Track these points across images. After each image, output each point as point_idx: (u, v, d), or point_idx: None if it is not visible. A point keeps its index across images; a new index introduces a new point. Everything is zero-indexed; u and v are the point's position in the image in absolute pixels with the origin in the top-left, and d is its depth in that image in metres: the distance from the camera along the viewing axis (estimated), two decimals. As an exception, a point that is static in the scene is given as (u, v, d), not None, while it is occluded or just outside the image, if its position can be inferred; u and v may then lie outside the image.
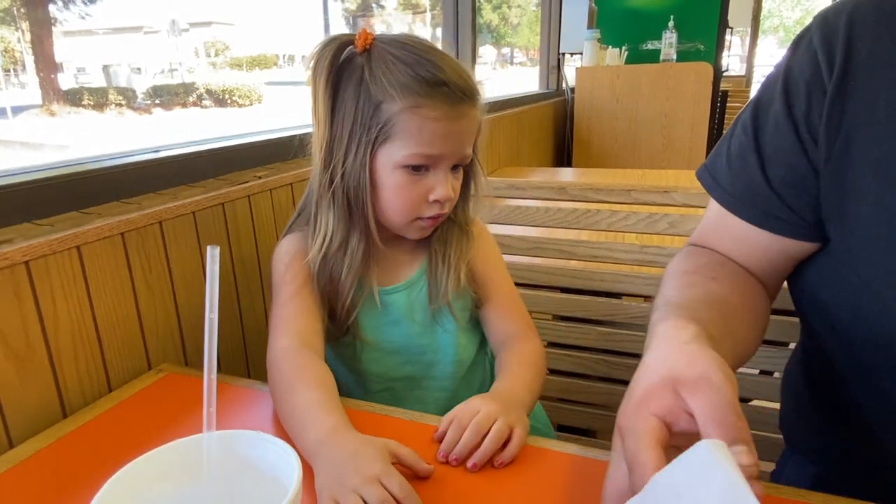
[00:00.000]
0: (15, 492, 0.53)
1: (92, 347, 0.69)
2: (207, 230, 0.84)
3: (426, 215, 0.70)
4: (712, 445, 0.39)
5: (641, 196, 0.99)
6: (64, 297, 0.66)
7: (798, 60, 0.55)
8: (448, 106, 0.66)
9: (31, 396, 0.63)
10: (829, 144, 0.52)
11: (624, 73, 3.06)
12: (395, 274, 0.77)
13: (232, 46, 19.53)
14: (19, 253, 0.61)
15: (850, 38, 0.51)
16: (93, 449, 0.59)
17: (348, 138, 0.68)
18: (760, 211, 0.58)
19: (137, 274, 0.74)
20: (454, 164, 0.70)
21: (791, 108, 0.55)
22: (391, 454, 0.51)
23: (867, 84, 0.50)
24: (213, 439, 0.37)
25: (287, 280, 0.71)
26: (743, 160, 0.59)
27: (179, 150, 0.89)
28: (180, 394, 0.71)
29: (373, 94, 0.66)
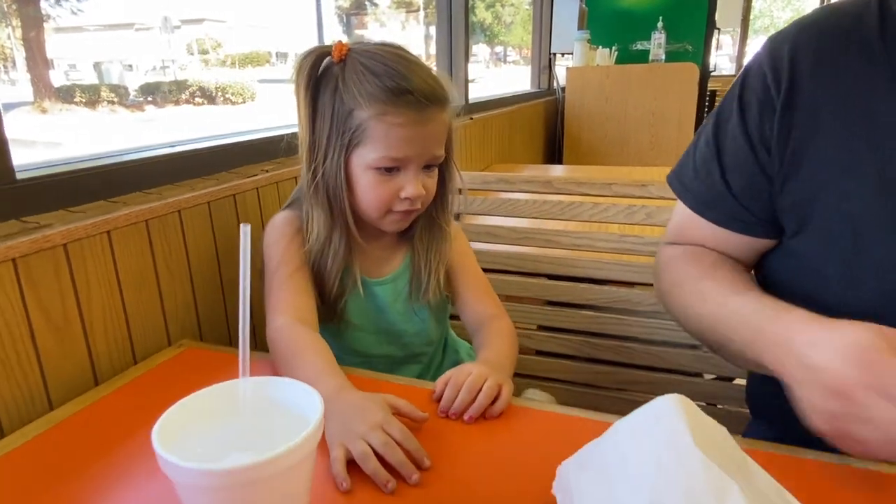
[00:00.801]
0: (57, 448, 0.60)
1: (119, 323, 0.77)
2: (221, 219, 0.91)
3: (398, 209, 0.76)
4: (672, 398, 0.47)
5: (621, 189, 1.07)
6: (96, 277, 0.73)
7: (751, 81, 0.64)
8: (413, 112, 0.71)
9: (67, 364, 0.70)
10: (781, 153, 0.61)
11: (613, 72, 3.14)
12: (381, 267, 0.84)
13: (224, 44, 19.44)
14: (59, 236, 0.68)
15: (794, 61, 0.60)
16: (123, 412, 0.66)
17: (326, 142, 0.74)
18: (724, 214, 0.67)
19: (159, 258, 0.82)
20: (425, 163, 0.75)
21: (746, 125, 0.63)
22: (390, 406, 0.59)
23: (811, 99, 0.59)
24: (247, 384, 0.45)
25: (285, 260, 0.77)
26: (707, 169, 0.68)
27: (195, 146, 0.96)
28: (199, 366, 0.78)
29: (346, 102, 0.72)
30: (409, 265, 0.85)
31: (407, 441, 0.55)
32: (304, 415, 0.42)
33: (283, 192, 1.05)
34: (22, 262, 0.65)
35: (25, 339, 0.66)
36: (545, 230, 1.13)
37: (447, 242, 0.85)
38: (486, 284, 0.89)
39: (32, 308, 0.66)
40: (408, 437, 0.55)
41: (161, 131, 7.89)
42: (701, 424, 0.44)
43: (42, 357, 0.68)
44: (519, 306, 1.17)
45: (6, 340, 0.64)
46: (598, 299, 1.12)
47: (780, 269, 0.68)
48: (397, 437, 0.55)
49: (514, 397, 0.66)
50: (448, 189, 0.83)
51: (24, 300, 0.65)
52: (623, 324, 1.12)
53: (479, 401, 0.62)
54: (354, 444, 0.54)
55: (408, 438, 0.55)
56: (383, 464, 0.53)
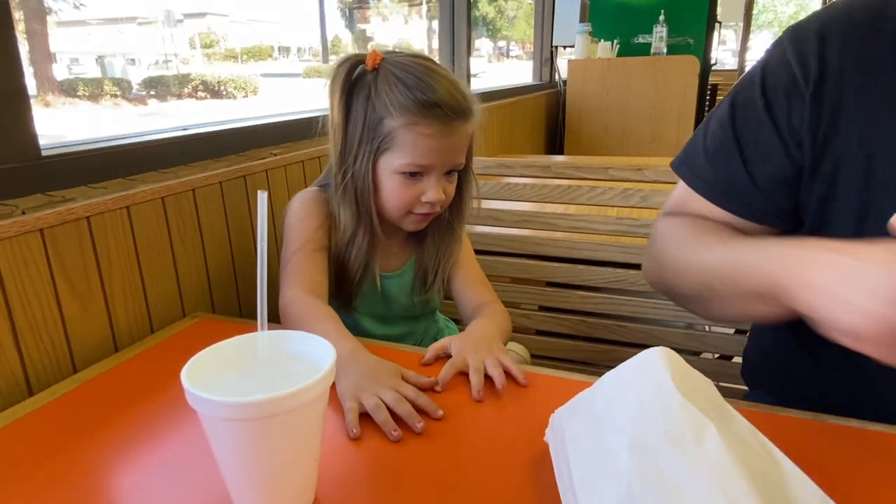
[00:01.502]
0: (83, 405, 0.64)
1: (138, 293, 0.81)
2: (232, 198, 0.95)
3: (419, 212, 0.81)
4: (658, 351, 0.50)
5: (617, 173, 1.11)
6: (116, 249, 0.77)
7: (772, 70, 0.63)
8: (440, 124, 0.75)
9: (90, 331, 0.75)
10: (813, 146, 0.60)
11: (614, 65, 3.17)
12: (391, 262, 0.89)
13: (227, 38, 19.43)
14: (82, 209, 0.72)
15: (823, 51, 0.59)
16: (143, 375, 0.70)
17: (357, 146, 0.79)
18: (742, 204, 0.65)
19: (174, 233, 0.85)
20: (446, 170, 0.80)
21: (771, 112, 0.61)
22: (401, 374, 0.64)
23: (837, 90, 0.58)
24: (265, 336, 0.48)
25: (311, 238, 0.82)
26: (724, 158, 0.65)
27: (208, 129, 0.99)
28: (213, 336, 0.80)
29: (377, 110, 0.76)
30: (415, 262, 0.90)
31: (418, 398, 0.60)
32: (319, 364, 0.46)
33: (291, 174, 1.09)
34: (48, 232, 0.68)
35: (52, 305, 0.70)
36: (545, 213, 1.17)
37: (458, 244, 0.90)
38: (481, 274, 0.94)
39: (58, 276, 0.70)
40: (418, 394, 0.60)
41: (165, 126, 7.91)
42: (684, 374, 0.48)
43: (67, 323, 0.72)
44: (520, 287, 1.21)
45: (35, 305, 0.68)
46: (596, 280, 1.16)
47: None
48: (409, 396, 0.60)
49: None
50: (466, 195, 0.88)
51: (51, 269, 0.69)
52: (619, 303, 1.15)
53: (498, 381, 0.65)
54: (367, 398, 0.59)
55: (419, 395, 0.60)
56: (393, 416, 0.58)
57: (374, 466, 0.53)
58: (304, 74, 9.88)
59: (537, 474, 0.51)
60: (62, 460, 0.54)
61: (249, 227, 1.00)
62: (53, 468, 0.53)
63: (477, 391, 0.63)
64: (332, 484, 0.50)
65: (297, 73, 15.25)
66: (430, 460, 0.54)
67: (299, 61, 18.91)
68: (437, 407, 0.60)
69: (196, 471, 0.52)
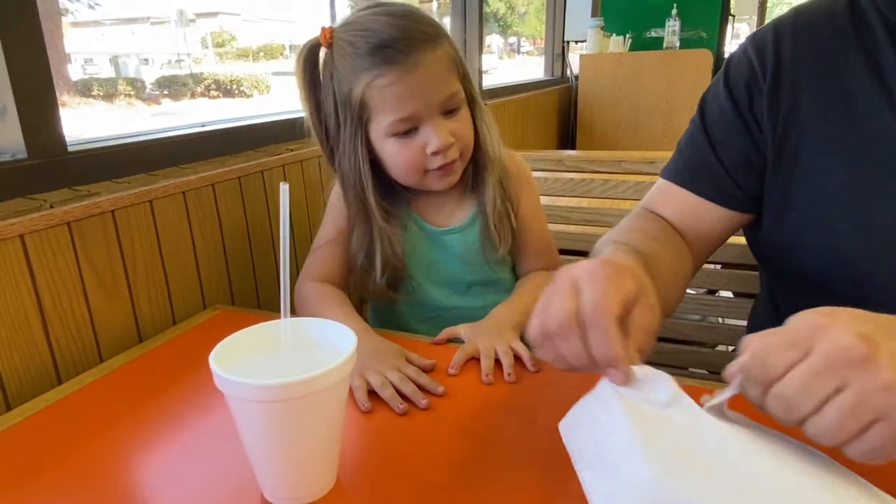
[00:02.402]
0: (110, 394, 0.66)
1: (160, 286, 0.83)
2: (250, 193, 0.97)
3: (433, 167, 0.73)
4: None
5: (630, 166, 1.12)
6: (140, 242, 0.79)
7: (735, 66, 0.67)
8: (398, 65, 0.67)
9: (115, 322, 0.77)
10: (773, 136, 0.64)
11: (626, 60, 3.16)
12: (449, 217, 0.82)
13: (238, 36, 19.53)
14: (108, 203, 0.74)
15: (777, 47, 0.64)
16: (167, 365, 0.72)
17: (336, 130, 0.74)
18: (709, 185, 0.68)
19: (195, 227, 0.87)
20: (441, 110, 0.71)
21: (735, 100, 0.66)
22: (405, 356, 0.66)
23: (793, 80, 0.63)
24: (288, 323, 0.50)
25: (325, 229, 0.83)
26: (695, 146, 0.70)
27: (225, 125, 1.01)
28: (234, 327, 0.82)
29: (342, 84, 0.71)
30: (476, 216, 0.82)
31: (420, 377, 0.62)
32: (340, 350, 0.47)
33: (307, 169, 1.10)
34: (75, 225, 0.71)
35: (79, 296, 0.72)
36: (557, 206, 1.18)
37: (492, 191, 0.80)
38: (534, 238, 0.86)
39: (85, 268, 0.72)
40: (420, 374, 0.62)
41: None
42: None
43: (93, 313, 0.74)
44: (532, 280, 1.22)
45: (63, 296, 0.70)
46: (608, 273, 1.16)
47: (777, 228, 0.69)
48: (411, 375, 0.62)
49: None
50: (482, 127, 0.78)
51: (78, 261, 0.71)
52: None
53: (506, 367, 0.65)
54: (373, 376, 0.61)
55: (420, 375, 0.62)
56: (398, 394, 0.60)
57: (389, 451, 0.55)
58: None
59: (548, 453, 0.52)
60: (90, 446, 0.56)
61: (267, 221, 1.02)
62: (81, 454, 0.55)
63: (486, 374, 0.64)
64: (351, 467, 0.52)
65: (308, 71, 15.14)
66: (444, 443, 0.55)
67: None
68: (437, 384, 0.62)
69: (221, 454, 0.54)
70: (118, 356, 0.73)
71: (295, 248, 1.08)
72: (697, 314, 1.17)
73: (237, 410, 0.44)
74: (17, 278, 0.66)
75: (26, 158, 0.70)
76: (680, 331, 1.15)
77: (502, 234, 0.81)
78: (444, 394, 0.62)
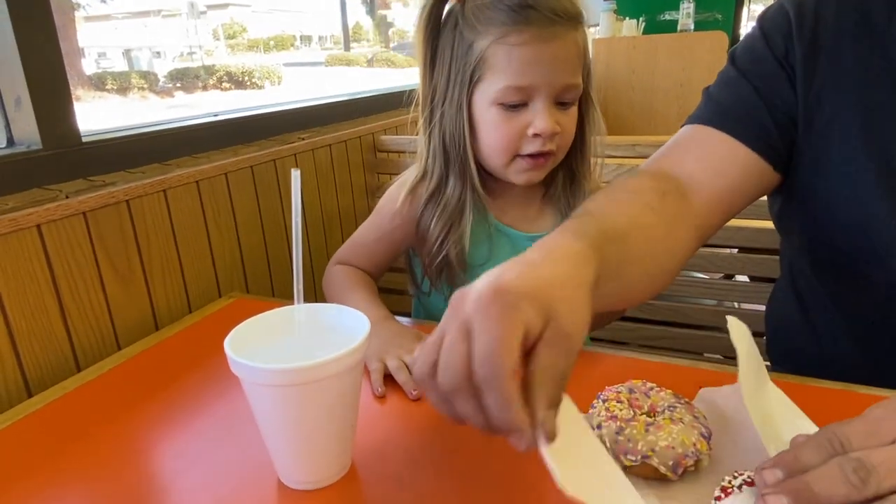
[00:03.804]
0: (127, 382, 0.67)
1: (176, 274, 0.83)
2: (263, 182, 0.97)
3: (525, 152, 0.67)
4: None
5: (643, 150, 1.10)
6: (155, 231, 0.80)
7: (771, 18, 0.64)
8: (536, 28, 0.62)
9: (132, 310, 0.78)
10: (805, 94, 0.60)
11: (640, 43, 3.11)
12: (532, 223, 0.76)
13: (249, 28, 19.50)
14: (122, 193, 0.74)
15: (818, 7, 0.60)
16: (184, 352, 0.73)
17: (446, 84, 0.68)
18: (752, 129, 0.61)
19: (209, 216, 0.88)
20: (557, 96, 0.66)
21: (772, 48, 0.62)
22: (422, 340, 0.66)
23: (833, 44, 0.60)
24: (301, 309, 0.50)
25: (371, 229, 0.78)
26: (732, 88, 0.63)
27: (238, 114, 1.02)
28: (249, 315, 0.83)
29: (465, 36, 0.65)
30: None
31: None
32: (354, 335, 0.47)
33: (319, 158, 1.10)
34: (91, 215, 0.71)
35: (96, 285, 0.73)
36: (570, 192, 1.16)
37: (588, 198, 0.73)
38: None
39: (101, 257, 0.73)
40: None
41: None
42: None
43: (110, 302, 0.75)
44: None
45: (80, 286, 0.71)
46: (623, 258, 1.16)
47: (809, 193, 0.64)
48: None
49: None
50: (590, 132, 0.73)
51: (94, 250, 0.72)
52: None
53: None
54: (390, 360, 0.61)
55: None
56: None
57: (404, 436, 0.55)
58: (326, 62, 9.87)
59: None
60: (109, 432, 0.57)
61: (280, 209, 1.02)
62: (100, 439, 0.55)
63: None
64: (365, 451, 0.52)
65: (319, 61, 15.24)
66: (458, 429, 0.55)
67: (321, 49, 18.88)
68: None
69: (238, 439, 0.54)
70: (135, 344, 0.74)
71: (308, 234, 1.09)
72: (713, 299, 1.16)
73: (252, 395, 0.44)
74: (35, 268, 0.67)
75: (41, 149, 0.71)
76: (695, 316, 1.14)
77: None
78: None
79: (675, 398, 0.48)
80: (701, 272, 1.18)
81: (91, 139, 0.78)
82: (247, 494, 0.48)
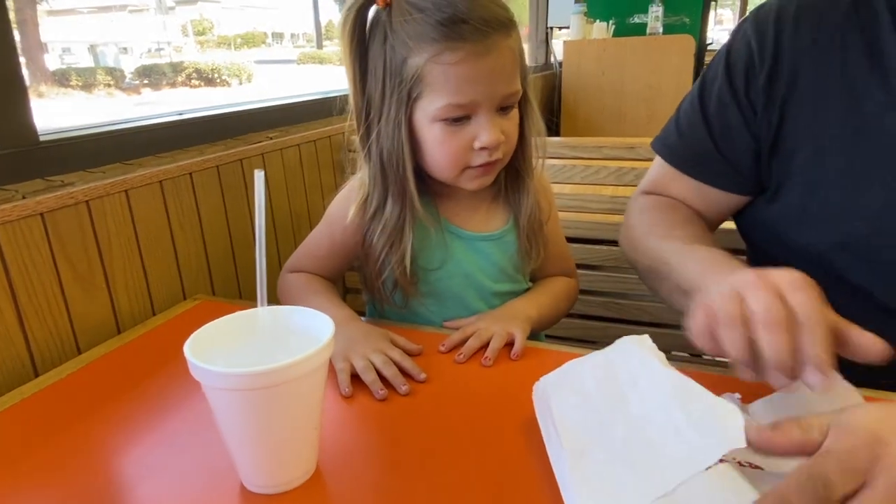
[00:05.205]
0: (88, 385, 0.65)
1: (138, 276, 0.82)
2: (229, 181, 0.96)
3: (475, 164, 0.67)
4: (636, 338, 0.53)
5: (610, 152, 1.12)
6: (116, 233, 0.78)
7: (737, 47, 0.67)
8: (470, 44, 0.61)
9: (93, 313, 0.76)
10: (768, 117, 0.65)
11: (610, 46, 3.15)
12: (484, 223, 0.77)
13: (219, 24, 19.20)
14: (82, 193, 0.72)
15: (778, 32, 0.64)
16: (145, 356, 0.72)
17: (380, 100, 0.66)
18: (710, 172, 0.70)
19: (173, 217, 0.86)
20: (500, 105, 0.66)
21: (733, 87, 0.66)
22: (390, 339, 0.67)
23: (792, 69, 0.63)
24: (265, 311, 0.50)
25: (323, 239, 0.78)
26: (693, 130, 0.71)
27: (203, 113, 1.00)
28: (214, 317, 0.82)
29: (397, 51, 0.63)
30: (514, 221, 0.78)
31: (404, 360, 0.62)
32: (318, 337, 0.47)
33: (287, 158, 1.09)
34: (49, 216, 0.69)
35: (55, 288, 0.71)
36: (539, 193, 1.18)
37: (533, 195, 0.76)
38: (563, 250, 0.86)
39: (60, 260, 0.71)
40: (404, 357, 0.63)
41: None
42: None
43: (70, 305, 0.73)
44: (515, 267, 1.22)
45: (38, 289, 0.69)
46: (591, 258, 1.17)
47: (768, 221, 0.70)
48: (395, 359, 0.62)
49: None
50: (530, 132, 0.73)
51: (53, 252, 0.70)
52: (614, 281, 1.17)
53: (492, 345, 0.66)
54: (357, 359, 0.61)
55: (404, 359, 0.62)
56: (380, 378, 0.60)
57: (371, 437, 0.55)
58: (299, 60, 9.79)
59: (525, 434, 0.53)
60: (68, 438, 0.55)
61: (247, 209, 1.01)
62: (60, 445, 0.54)
63: (460, 355, 0.65)
64: (331, 453, 0.52)
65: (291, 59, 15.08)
66: (423, 430, 0.55)
67: (293, 47, 18.70)
68: (420, 370, 0.62)
69: (199, 445, 0.54)
70: (96, 348, 0.73)
71: (276, 236, 1.08)
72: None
73: (213, 399, 0.44)
74: (-10, 270, 0.65)
75: (-4, 149, 0.69)
76: (660, 315, 1.16)
77: (539, 243, 0.78)
78: (426, 380, 0.62)
79: None
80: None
81: (49, 138, 0.76)
82: (209, 500, 0.47)
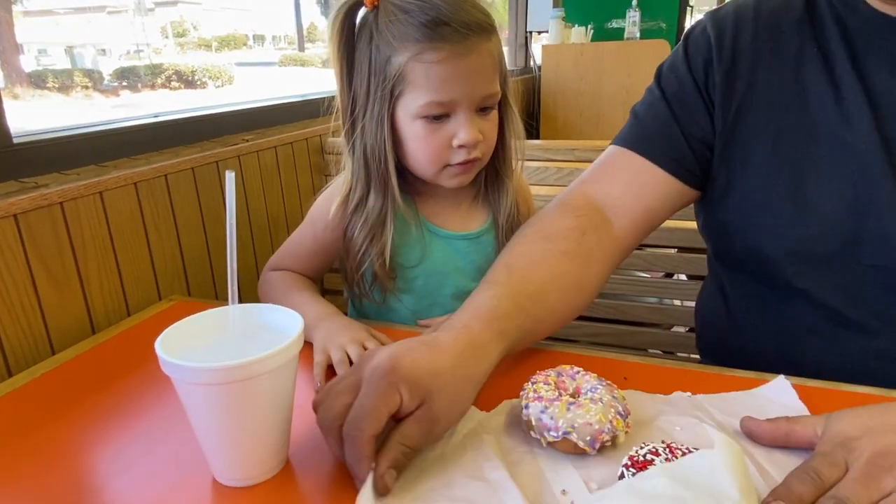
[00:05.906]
0: (61, 385, 0.65)
1: (113, 278, 0.82)
2: (204, 183, 0.97)
3: (455, 162, 0.70)
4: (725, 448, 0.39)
5: (582, 154, 1.14)
6: (91, 234, 0.78)
7: (694, 40, 0.69)
8: (451, 45, 0.64)
9: (67, 314, 0.76)
10: (724, 114, 0.66)
11: (587, 50, 3.20)
12: (462, 223, 0.79)
13: (200, 26, 18.97)
14: (56, 195, 0.73)
15: (737, 34, 0.65)
16: (120, 356, 0.72)
17: (365, 97, 0.69)
18: (671, 157, 0.68)
19: (148, 218, 0.87)
20: (479, 105, 0.69)
21: (694, 76, 0.67)
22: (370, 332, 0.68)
23: (749, 68, 0.64)
24: (236, 309, 0.51)
25: (307, 237, 0.80)
26: (654, 114, 0.69)
27: (179, 115, 1.01)
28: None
29: (382, 50, 0.66)
30: (493, 222, 0.80)
31: None
32: (287, 333, 0.48)
33: (264, 160, 1.10)
34: (22, 217, 0.70)
35: (28, 289, 0.71)
36: (514, 194, 1.20)
37: (512, 196, 0.79)
38: None
39: (34, 261, 0.72)
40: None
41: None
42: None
43: (44, 306, 0.73)
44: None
45: (11, 290, 0.69)
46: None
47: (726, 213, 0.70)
48: (371, 349, 0.63)
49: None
50: (509, 133, 0.76)
51: (26, 254, 0.71)
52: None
53: None
54: (335, 351, 0.63)
55: None
56: None
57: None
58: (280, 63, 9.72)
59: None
60: (41, 437, 0.56)
61: (223, 211, 1.02)
62: (33, 445, 0.55)
63: None
64: (303, 446, 0.53)
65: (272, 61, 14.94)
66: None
67: (275, 49, 18.53)
68: None
69: (172, 441, 0.55)
70: (70, 348, 0.73)
71: (252, 238, 1.09)
72: (654, 297, 1.21)
73: (183, 394, 0.45)
74: (-38, 272, 0.65)
75: (-32, 150, 0.69)
76: (635, 313, 1.18)
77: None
78: None
79: (598, 381, 0.51)
80: (642, 271, 1.23)
81: (23, 140, 0.76)
82: (181, 494, 0.48)
